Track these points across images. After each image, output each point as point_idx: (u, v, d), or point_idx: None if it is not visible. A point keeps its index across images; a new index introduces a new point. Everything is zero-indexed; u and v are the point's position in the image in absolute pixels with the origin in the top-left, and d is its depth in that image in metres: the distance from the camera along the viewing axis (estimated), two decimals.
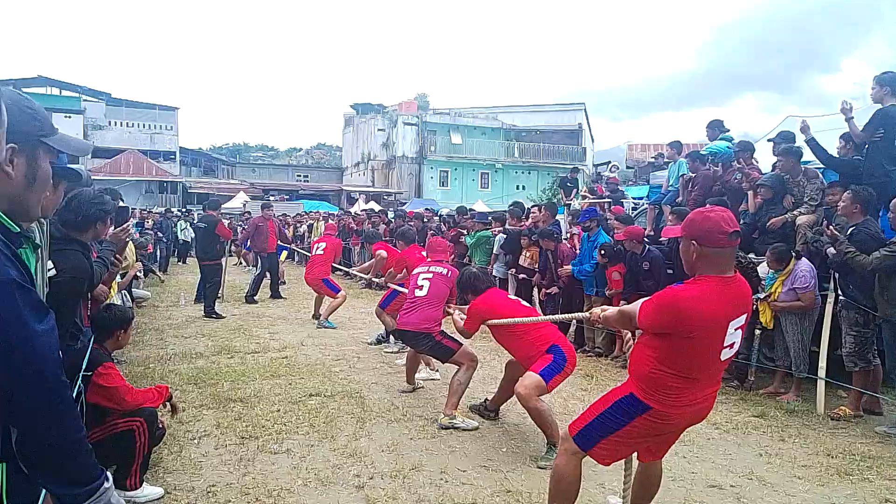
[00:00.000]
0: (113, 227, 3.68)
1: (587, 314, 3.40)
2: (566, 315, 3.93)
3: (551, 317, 4.79)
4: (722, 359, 2.54)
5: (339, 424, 4.70)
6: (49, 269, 2.53)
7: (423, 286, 5.32)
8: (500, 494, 3.60)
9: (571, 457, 2.79)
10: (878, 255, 4.72)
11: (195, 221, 10.98)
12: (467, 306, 4.82)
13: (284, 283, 13.70)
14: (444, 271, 5.41)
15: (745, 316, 2.55)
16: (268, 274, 11.74)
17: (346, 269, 11.25)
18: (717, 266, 2.46)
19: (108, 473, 1.44)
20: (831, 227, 5.50)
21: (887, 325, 4.78)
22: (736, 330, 2.51)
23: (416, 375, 5.80)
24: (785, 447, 4.48)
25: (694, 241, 2.47)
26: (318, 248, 9.64)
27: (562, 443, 2.91)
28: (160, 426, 3.76)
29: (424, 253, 6.66)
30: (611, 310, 3.07)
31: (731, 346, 2.53)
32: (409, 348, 5.70)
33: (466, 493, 3.60)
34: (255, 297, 11.21)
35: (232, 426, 4.57)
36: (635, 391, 2.59)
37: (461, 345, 5.10)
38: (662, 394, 2.52)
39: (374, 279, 8.24)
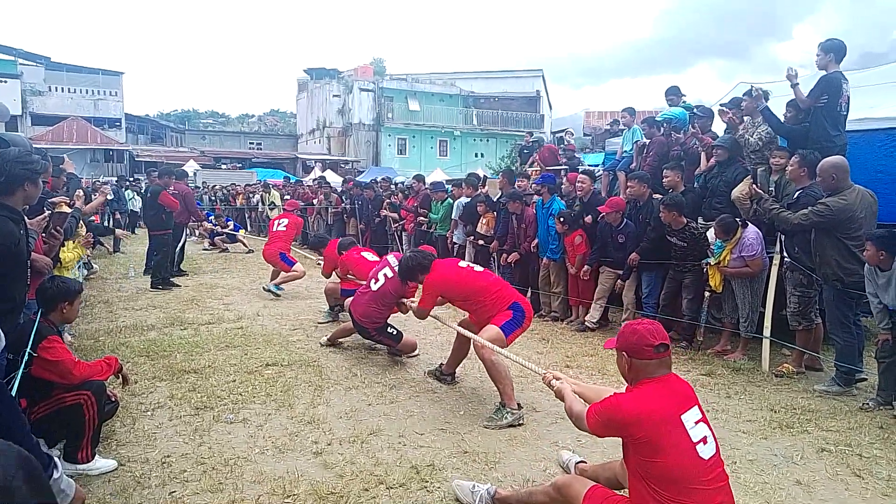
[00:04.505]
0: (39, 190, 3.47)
1: (542, 372, 3.21)
2: (525, 363, 3.67)
3: (519, 359, 3.83)
4: (704, 457, 2.34)
5: (297, 393, 4.68)
6: None
7: (379, 280, 5.41)
8: (458, 455, 3.66)
9: (556, 497, 2.69)
10: (804, 212, 4.88)
11: (143, 190, 10.79)
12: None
13: (253, 251, 13.83)
14: None
15: (695, 408, 2.43)
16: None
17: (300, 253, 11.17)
18: (649, 374, 2.46)
19: (57, 461, 1.38)
20: (755, 185, 5.66)
21: (826, 285, 4.97)
22: (697, 424, 2.39)
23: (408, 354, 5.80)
24: (731, 403, 4.66)
25: (624, 353, 2.50)
26: (279, 224, 9.46)
27: (563, 493, 2.68)
28: (112, 399, 3.68)
29: (366, 254, 6.85)
30: (566, 388, 2.93)
31: (704, 440, 2.39)
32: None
33: (424, 456, 3.65)
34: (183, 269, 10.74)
35: (186, 397, 4.50)
36: None
37: (398, 341, 5.52)
38: None
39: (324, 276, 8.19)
